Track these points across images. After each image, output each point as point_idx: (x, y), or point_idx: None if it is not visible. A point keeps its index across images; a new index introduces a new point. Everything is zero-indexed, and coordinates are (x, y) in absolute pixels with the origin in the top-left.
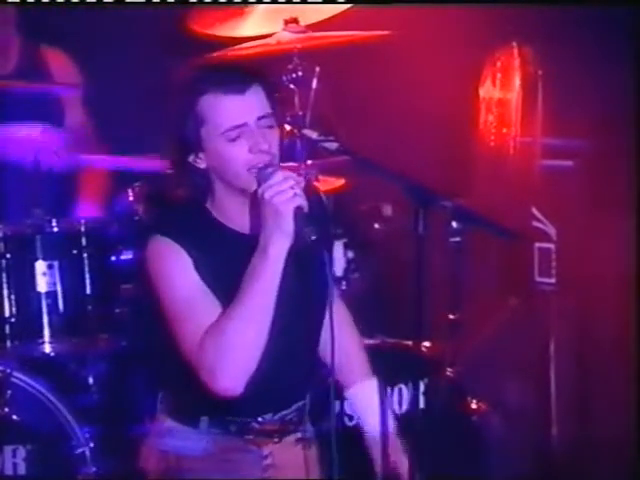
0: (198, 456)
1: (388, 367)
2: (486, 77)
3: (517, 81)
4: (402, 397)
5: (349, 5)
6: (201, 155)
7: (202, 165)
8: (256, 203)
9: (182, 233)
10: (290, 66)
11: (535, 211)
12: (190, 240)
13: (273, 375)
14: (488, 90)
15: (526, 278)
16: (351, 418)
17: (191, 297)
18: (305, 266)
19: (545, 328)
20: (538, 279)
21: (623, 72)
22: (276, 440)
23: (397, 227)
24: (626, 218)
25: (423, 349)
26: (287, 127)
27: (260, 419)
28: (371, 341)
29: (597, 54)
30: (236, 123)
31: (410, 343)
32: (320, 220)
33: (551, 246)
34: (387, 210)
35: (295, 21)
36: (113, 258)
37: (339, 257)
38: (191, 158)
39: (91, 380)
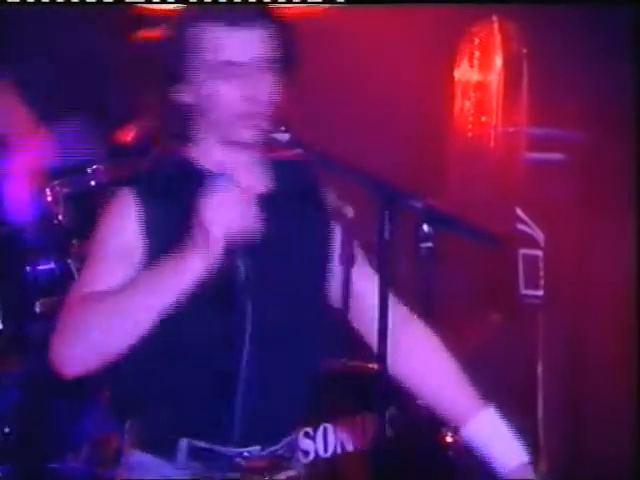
0: None
1: (350, 393)
2: (462, 57)
3: (498, 61)
4: (365, 428)
5: None
6: (186, 88)
7: (187, 99)
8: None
9: (144, 181)
10: None
11: (520, 212)
12: (152, 190)
13: (259, 400)
14: (465, 72)
15: (510, 290)
16: (307, 454)
17: (107, 257)
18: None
19: (532, 348)
20: (523, 292)
21: (621, 50)
22: (266, 479)
23: (359, 231)
24: (625, 220)
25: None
26: None
27: (246, 453)
28: (330, 364)
29: (591, 29)
30: (231, 59)
31: (375, 366)
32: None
33: (538, 253)
34: (347, 212)
35: None
36: (28, 269)
37: None
38: (175, 90)
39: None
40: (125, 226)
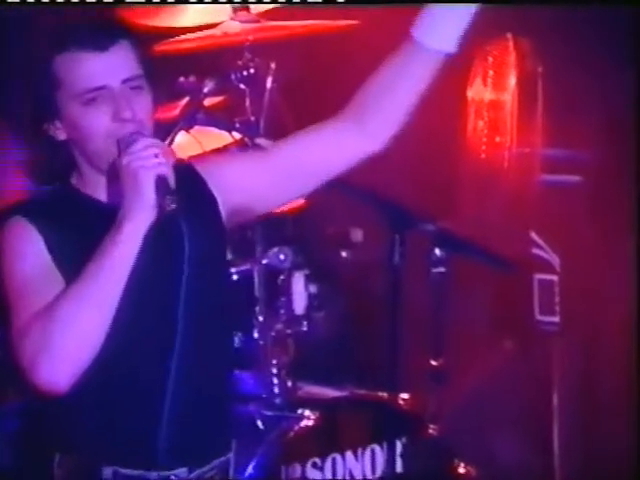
0: None
1: (359, 424)
2: (476, 75)
3: (513, 80)
4: (375, 460)
5: None
6: (58, 124)
7: (61, 136)
8: (115, 175)
9: (36, 210)
10: (240, 62)
11: (535, 236)
12: (44, 216)
13: (184, 417)
14: (478, 91)
15: (524, 316)
16: None
17: (31, 278)
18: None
19: (547, 376)
20: (539, 317)
21: (637, 69)
22: None
23: (369, 255)
24: None
25: (400, 402)
26: (237, 135)
27: (173, 477)
28: (338, 393)
29: (606, 47)
30: (94, 85)
31: (385, 395)
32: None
33: (554, 278)
34: (357, 235)
35: (246, 8)
36: None
37: (300, 292)
38: (47, 127)
39: None
40: (33, 248)
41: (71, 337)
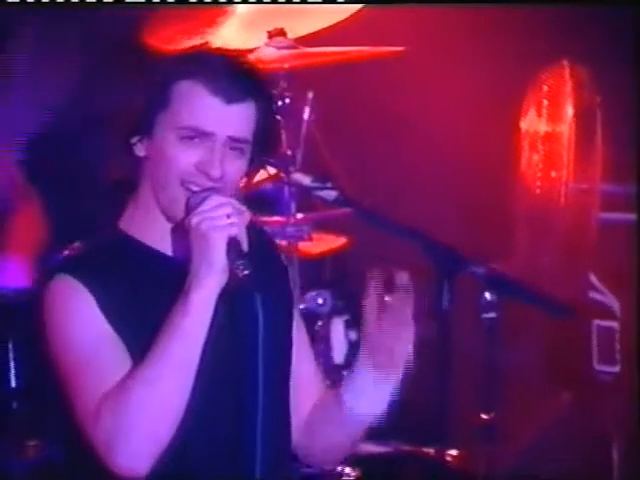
0: None
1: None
2: (530, 105)
3: (569, 110)
4: None
5: (353, 10)
6: (145, 141)
7: (141, 153)
8: (183, 234)
9: (85, 264)
10: (275, 91)
11: (593, 279)
12: (95, 271)
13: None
14: (532, 122)
15: (582, 366)
16: None
17: (88, 350)
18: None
19: (606, 430)
20: (597, 367)
21: None
22: None
23: (415, 300)
24: None
25: (448, 459)
26: (272, 170)
27: None
28: (381, 448)
29: None
30: (200, 128)
31: (432, 451)
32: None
33: (614, 324)
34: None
35: (282, 33)
36: None
37: (339, 339)
38: (134, 142)
39: None
40: (86, 313)
41: (146, 419)
